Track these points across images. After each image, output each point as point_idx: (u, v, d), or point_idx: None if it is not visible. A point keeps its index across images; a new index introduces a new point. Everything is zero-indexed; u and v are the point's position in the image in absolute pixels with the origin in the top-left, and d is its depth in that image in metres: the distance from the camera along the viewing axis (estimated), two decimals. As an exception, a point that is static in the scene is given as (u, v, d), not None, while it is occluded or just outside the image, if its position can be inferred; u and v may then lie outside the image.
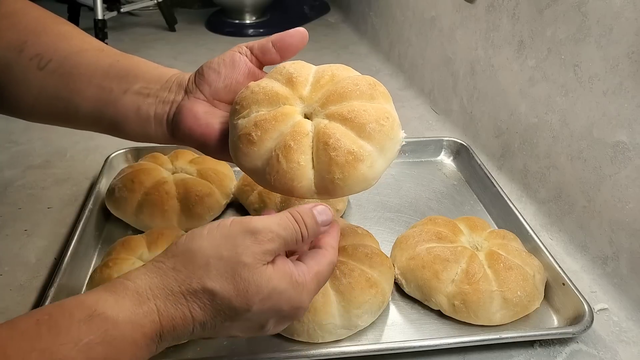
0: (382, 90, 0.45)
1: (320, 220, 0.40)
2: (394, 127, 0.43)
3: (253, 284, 0.35)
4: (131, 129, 0.49)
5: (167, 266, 0.35)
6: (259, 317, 0.37)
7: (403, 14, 1.10)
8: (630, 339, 0.53)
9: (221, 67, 0.47)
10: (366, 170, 0.41)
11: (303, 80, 0.45)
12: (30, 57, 0.47)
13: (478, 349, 0.51)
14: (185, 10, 1.57)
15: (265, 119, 0.43)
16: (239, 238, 0.36)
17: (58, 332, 0.30)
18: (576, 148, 0.63)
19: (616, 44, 0.56)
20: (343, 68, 0.46)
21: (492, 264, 0.53)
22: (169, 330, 0.34)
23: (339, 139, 0.41)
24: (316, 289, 0.40)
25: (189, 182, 0.64)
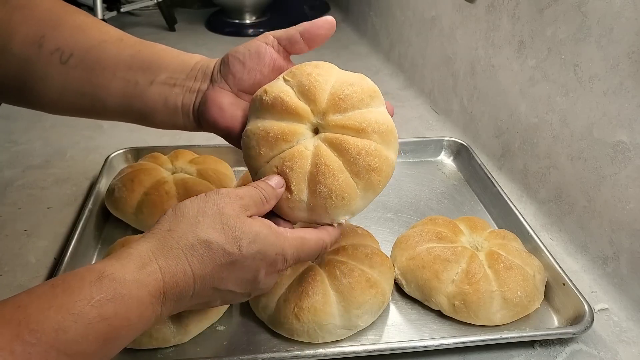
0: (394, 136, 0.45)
1: (273, 183, 0.42)
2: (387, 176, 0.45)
3: (239, 229, 0.38)
4: (160, 119, 0.49)
5: (163, 229, 0.38)
6: (250, 264, 0.39)
7: (403, 13, 1.10)
8: (630, 339, 0.53)
9: (246, 57, 0.47)
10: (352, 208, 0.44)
11: (318, 96, 0.44)
12: (51, 51, 0.47)
13: (478, 349, 0.51)
14: (185, 10, 1.57)
15: (273, 136, 0.44)
16: (216, 199, 0.40)
17: (72, 292, 0.32)
18: (576, 148, 0.63)
19: (616, 44, 0.56)
20: (361, 89, 0.45)
21: (492, 264, 0.53)
22: (172, 287, 0.36)
23: (335, 175, 0.43)
24: (299, 248, 0.42)
25: (189, 182, 0.64)
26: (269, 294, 0.50)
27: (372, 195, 0.44)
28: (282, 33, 0.47)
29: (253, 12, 1.42)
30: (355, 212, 0.44)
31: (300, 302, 0.48)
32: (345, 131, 0.43)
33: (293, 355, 0.47)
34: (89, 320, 0.32)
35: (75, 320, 0.31)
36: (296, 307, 0.48)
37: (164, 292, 0.36)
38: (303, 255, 0.42)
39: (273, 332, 0.51)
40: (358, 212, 0.45)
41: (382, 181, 0.44)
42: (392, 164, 0.44)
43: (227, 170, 0.70)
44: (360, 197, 0.43)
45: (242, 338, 0.51)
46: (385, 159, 0.44)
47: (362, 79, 0.45)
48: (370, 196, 0.44)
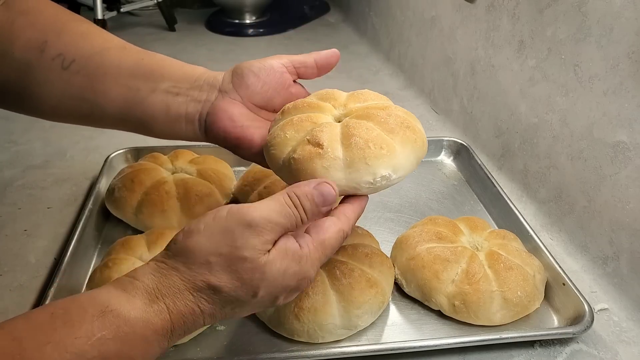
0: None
1: (319, 201, 0.38)
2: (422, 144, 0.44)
3: (257, 273, 0.35)
4: (159, 128, 0.49)
5: (169, 266, 0.36)
6: (268, 298, 0.37)
7: (403, 13, 1.10)
8: (630, 339, 0.53)
9: (261, 71, 0.47)
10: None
11: (337, 95, 0.47)
12: (53, 57, 0.47)
13: (478, 349, 0.51)
14: (185, 10, 1.57)
15: (298, 119, 0.44)
16: (236, 232, 0.35)
17: (72, 326, 0.31)
18: (576, 148, 0.63)
19: (616, 44, 0.56)
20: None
21: (492, 264, 0.53)
22: (179, 326, 0.35)
23: (368, 129, 0.41)
24: (322, 257, 0.39)
25: (189, 182, 0.64)
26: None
27: (411, 152, 0.41)
28: (297, 57, 0.49)
29: (253, 12, 1.42)
30: (397, 169, 0.40)
31: (300, 302, 0.48)
32: (369, 110, 0.43)
33: (293, 355, 0.47)
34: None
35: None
36: (296, 307, 0.48)
37: (171, 329, 0.35)
38: (326, 258, 0.40)
39: (273, 332, 0.51)
40: (401, 171, 0.41)
41: (419, 141, 0.42)
42: (424, 134, 0.44)
43: (227, 170, 0.70)
44: (400, 152, 0.41)
45: (242, 338, 0.51)
46: (416, 125, 0.44)
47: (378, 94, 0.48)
48: (410, 154, 0.41)
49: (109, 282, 0.36)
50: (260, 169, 0.68)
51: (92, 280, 0.52)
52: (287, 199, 0.37)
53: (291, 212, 0.37)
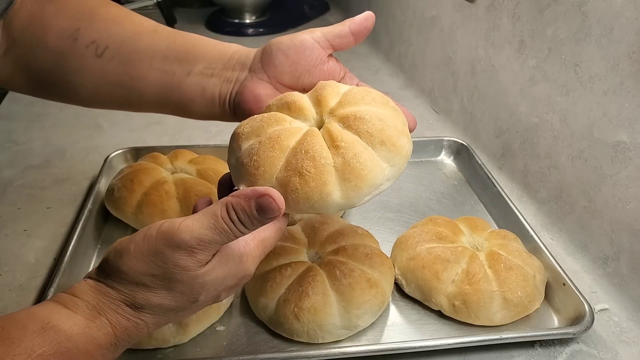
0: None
1: (259, 215, 0.34)
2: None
3: (196, 285, 0.35)
4: (197, 110, 0.49)
5: (107, 284, 0.35)
6: (209, 298, 0.37)
7: (403, 13, 1.10)
8: (630, 340, 0.53)
9: (290, 49, 0.45)
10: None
11: (329, 99, 0.42)
12: (86, 44, 0.47)
13: (478, 350, 0.50)
14: (185, 10, 1.57)
15: (260, 119, 0.41)
16: (166, 254, 0.34)
17: (11, 343, 0.30)
18: (577, 148, 0.63)
19: (617, 44, 0.56)
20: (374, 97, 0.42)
21: (492, 264, 0.53)
22: (124, 338, 0.35)
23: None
24: (262, 255, 0.39)
25: (189, 182, 0.64)
26: (269, 294, 0.50)
27: (407, 143, 0.39)
28: (329, 29, 0.46)
29: (253, 12, 1.42)
30: (406, 155, 0.39)
31: (300, 302, 0.48)
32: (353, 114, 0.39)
33: (293, 355, 0.47)
34: None
35: None
36: (296, 308, 0.48)
37: (115, 343, 0.35)
38: (264, 255, 0.39)
39: (273, 332, 0.51)
40: (408, 156, 0.39)
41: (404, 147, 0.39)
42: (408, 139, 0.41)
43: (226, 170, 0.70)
44: (405, 134, 0.39)
45: (242, 338, 0.51)
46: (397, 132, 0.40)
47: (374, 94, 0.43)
48: (407, 144, 0.39)
49: (47, 299, 0.35)
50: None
51: (91, 281, 0.52)
52: (224, 212, 0.34)
53: (227, 228, 0.34)
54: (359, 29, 0.46)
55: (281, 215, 0.35)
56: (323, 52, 0.46)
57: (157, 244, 0.34)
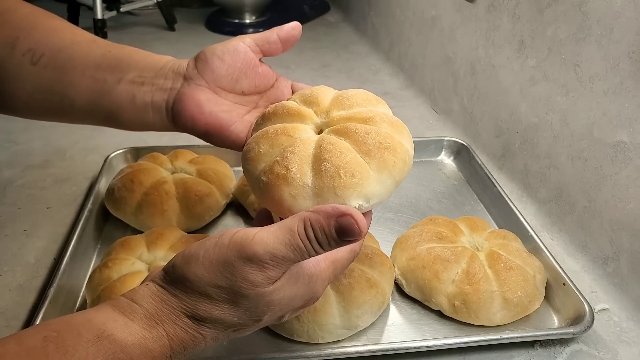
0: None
1: (337, 236, 0.32)
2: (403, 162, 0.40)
3: (262, 303, 0.34)
4: (128, 118, 0.48)
5: (170, 292, 0.34)
6: (272, 317, 0.36)
7: (403, 13, 1.10)
8: (630, 340, 0.53)
9: (225, 54, 0.46)
10: None
11: (321, 99, 0.43)
12: (23, 52, 0.47)
13: (478, 350, 0.50)
14: (184, 10, 1.57)
15: (273, 132, 0.41)
16: (236, 266, 0.32)
17: (65, 352, 0.29)
18: (577, 148, 0.63)
19: (617, 44, 0.56)
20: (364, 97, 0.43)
21: (492, 264, 0.53)
22: (179, 351, 0.34)
23: (342, 152, 0.38)
24: (332, 277, 0.38)
25: (189, 182, 0.64)
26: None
27: (388, 178, 0.38)
28: (258, 35, 0.47)
29: (253, 12, 1.42)
30: (370, 197, 0.37)
31: (300, 302, 0.48)
32: (351, 121, 0.40)
33: (293, 355, 0.47)
34: None
35: None
36: (296, 308, 0.48)
37: (170, 356, 0.33)
38: (335, 277, 0.38)
39: (273, 332, 0.51)
40: (375, 199, 0.38)
41: (398, 164, 0.38)
42: (407, 151, 0.40)
43: (227, 170, 0.70)
44: (375, 178, 0.37)
45: (242, 338, 0.50)
46: (399, 143, 0.39)
47: (368, 92, 0.44)
48: (387, 179, 0.38)
49: (106, 301, 0.35)
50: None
51: (91, 280, 0.52)
52: (300, 228, 0.33)
53: (302, 246, 0.33)
54: (286, 37, 0.47)
55: (362, 238, 0.33)
56: (254, 56, 0.47)
57: (228, 253, 0.33)
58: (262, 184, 0.39)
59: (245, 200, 0.66)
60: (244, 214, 0.68)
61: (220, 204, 0.66)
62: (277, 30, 0.47)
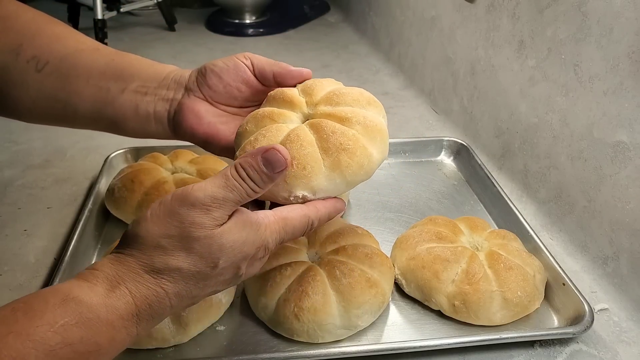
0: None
1: (267, 169, 0.37)
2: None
3: (214, 245, 0.36)
4: (131, 127, 0.49)
5: (126, 254, 0.36)
6: (229, 268, 0.37)
7: (403, 13, 1.10)
8: (630, 339, 0.53)
9: (223, 71, 0.48)
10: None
11: (317, 92, 0.46)
12: (27, 59, 0.48)
13: (478, 349, 0.51)
14: (185, 10, 1.57)
15: (261, 114, 0.44)
16: (182, 213, 0.35)
17: (33, 316, 0.31)
18: (576, 148, 0.63)
19: (616, 44, 0.56)
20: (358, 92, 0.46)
21: (492, 264, 0.53)
22: (145, 309, 0.35)
23: (302, 145, 0.41)
24: (282, 232, 0.39)
25: (189, 182, 0.64)
26: (269, 294, 0.50)
27: (338, 178, 0.41)
28: (260, 61, 0.48)
29: (253, 12, 1.42)
30: (316, 190, 0.41)
31: (300, 302, 0.48)
32: (329, 118, 0.43)
33: (293, 355, 0.47)
34: (51, 347, 0.30)
35: (36, 347, 0.30)
36: (296, 307, 0.48)
37: (136, 314, 0.35)
38: (287, 236, 0.40)
39: (273, 332, 0.51)
40: (320, 192, 0.41)
41: (353, 166, 0.41)
42: (370, 156, 0.42)
43: (227, 170, 0.70)
44: (325, 175, 0.41)
45: (242, 338, 0.51)
46: (362, 147, 0.42)
47: (365, 91, 0.46)
48: (337, 179, 0.41)
49: None
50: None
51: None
52: (233, 172, 0.36)
53: (238, 185, 0.36)
54: (281, 80, 0.47)
55: (287, 167, 0.38)
56: (252, 75, 0.48)
57: (173, 205, 0.36)
58: (235, 159, 0.42)
59: (246, 200, 0.66)
60: (244, 214, 0.68)
61: (220, 204, 0.66)
62: (277, 68, 0.47)
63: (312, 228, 0.42)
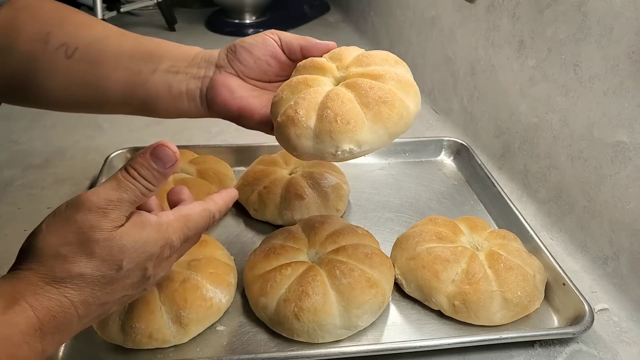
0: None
1: (158, 165, 0.37)
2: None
3: (115, 247, 0.35)
4: (163, 107, 0.51)
5: (23, 269, 0.35)
6: (135, 270, 0.37)
7: (403, 13, 1.10)
8: (630, 339, 0.53)
9: (253, 47, 0.50)
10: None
11: (345, 56, 0.49)
12: (57, 47, 0.48)
13: (478, 349, 0.51)
14: (185, 10, 1.57)
15: (296, 81, 0.46)
16: (79, 219, 0.35)
17: None
18: (576, 148, 0.63)
19: (616, 44, 0.56)
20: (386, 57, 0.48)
21: (492, 264, 0.53)
22: (49, 322, 0.34)
23: (343, 102, 0.43)
24: (184, 229, 0.40)
25: (189, 182, 0.64)
26: (269, 294, 0.50)
27: (381, 130, 0.43)
28: (286, 36, 0.50)
29: (253, 12, 1.42)
30: (361, 143, 0.42)
31: (300, 302, 0.48)
32: (363, 77, 0.45)
33: (293, 355, 0.47)
34: None
35: None
36: (296, 307, 0.48)
37: (39, 328, 0.33)
38: (191, 232, 0.40)
39: (273, 332, 0.51)
40: (366, 145, 0.43)
41: (394, 117, 0.43)
42: (407, 108, 0.44)
43: (227, 170, 0.70)
44: (368, 127, 0.42)
45: (242, 338, 0.51)
46: (400, 100, 0.44)
47: (391, 53, 0.48)
48: (380, 130, 0.43)
49: None
50: (260, 168, 0.68)
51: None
52: (124, 173, 0.37)
53: (131, 185, 0.36)
54: (307, 52, 0.50)
55: (178, 161, 0.38)
56: (280, 50, 0.50)
57: (68, 213, 0.35)
58: (277, 124, 0.45)
59: (246, 200, 0.66)
60: (244, 213, 0.68)
61: (220, 204, 0.66)
62: (303, 42, 0.50)
63: (214, 220, 0.43)
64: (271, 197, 0.64)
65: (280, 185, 0.65)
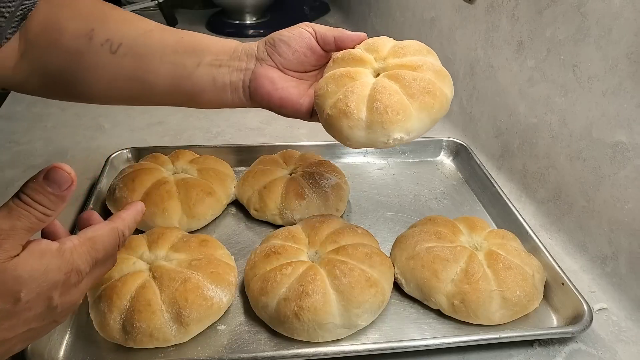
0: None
1: (53, 188, 0.34)
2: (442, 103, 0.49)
3: (9, 280, 0.32)
4: (207, 98, 0.53)
5: None
6: (37, 301, 0.34)
7: (403, 14, 1.10)
8: (629, 339, 0.53)
9: (291, 40, 0.52)
10: None
11: (381, 47, 0.52)
12: (101, 43, 0.50)
13: (477, 349, 0.51)
14: (185, 11, 1.57)
15: (339, 74, 0.50)
16: None
17: None
18: (575, 148, 0.63)
19: (615, 45, 0.56)
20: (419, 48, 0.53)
21: (491, 263, 0.54)
22: None
23: (390, 94, 0.47)
24: (92, 252, 0.37)
25: (190, 182, 0.65)
26: (269, 293, 0.50)
27: (426, 117, 0.47)
28: (320, 28, 0.53)
29: (254, 13, 1.42)
30: (410, 131, 0.47)
31: (300, 301, 0.49)
32: (402, 68, 0.49)
33: (293, 354, 0.47)
34: None
35: None
36: (296, 307, 0.49)
37: None
38: (99, 254, 0.38)
39: (273, 331, 0.51)
40: (414, 132, 0.47)
41: (437, 105, 0.47)
42: (446, 96, 0.49)
43: (227, 170, 0.70)
44: (415, 116, 0.47)
45: (242, 337, 0.51)
46: (439, 89, 0.48)
47: (420, 42, 0.53)
48: (425, 118, 0.47)
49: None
50: (260, 169, 0.68)
51: (93, 280, 0.52)
52: (16, 200, 0.34)
53: (24, 211, 0.33)
54: (341, 43, 0.53)
55: (74, 182, 0.35)
56: (314, 42, 0.53)
57: None
58: (328, 117, 0.48)
59: (246, 199, 0.67)
60: (244, 213, 0.68)
61: (221, 203, 0.66)
62: (337, 34, 0.52)
63: (125, 238, 0.41)
64: (271, 197, 0.64)
65: (281, 185, 0.65)
